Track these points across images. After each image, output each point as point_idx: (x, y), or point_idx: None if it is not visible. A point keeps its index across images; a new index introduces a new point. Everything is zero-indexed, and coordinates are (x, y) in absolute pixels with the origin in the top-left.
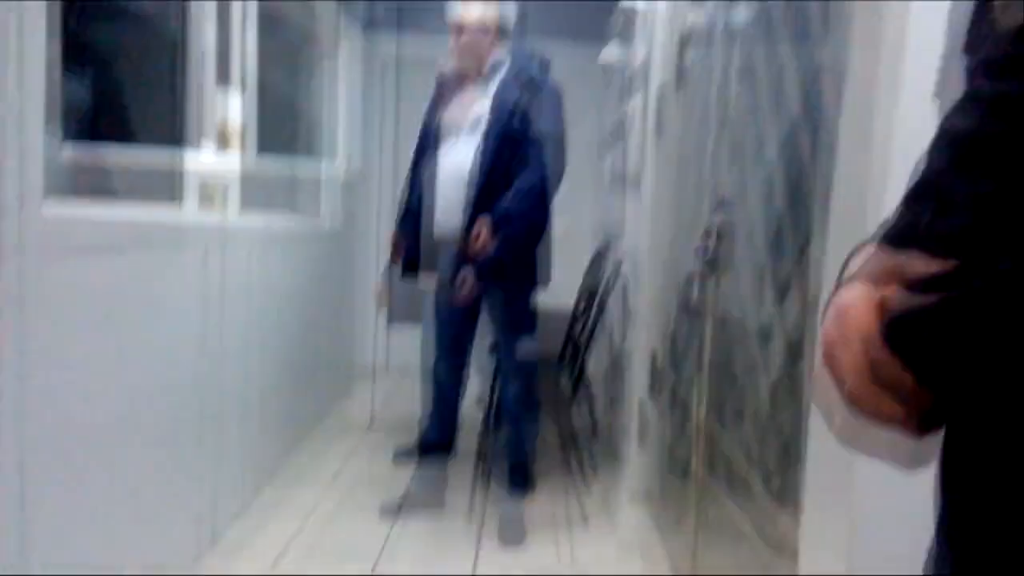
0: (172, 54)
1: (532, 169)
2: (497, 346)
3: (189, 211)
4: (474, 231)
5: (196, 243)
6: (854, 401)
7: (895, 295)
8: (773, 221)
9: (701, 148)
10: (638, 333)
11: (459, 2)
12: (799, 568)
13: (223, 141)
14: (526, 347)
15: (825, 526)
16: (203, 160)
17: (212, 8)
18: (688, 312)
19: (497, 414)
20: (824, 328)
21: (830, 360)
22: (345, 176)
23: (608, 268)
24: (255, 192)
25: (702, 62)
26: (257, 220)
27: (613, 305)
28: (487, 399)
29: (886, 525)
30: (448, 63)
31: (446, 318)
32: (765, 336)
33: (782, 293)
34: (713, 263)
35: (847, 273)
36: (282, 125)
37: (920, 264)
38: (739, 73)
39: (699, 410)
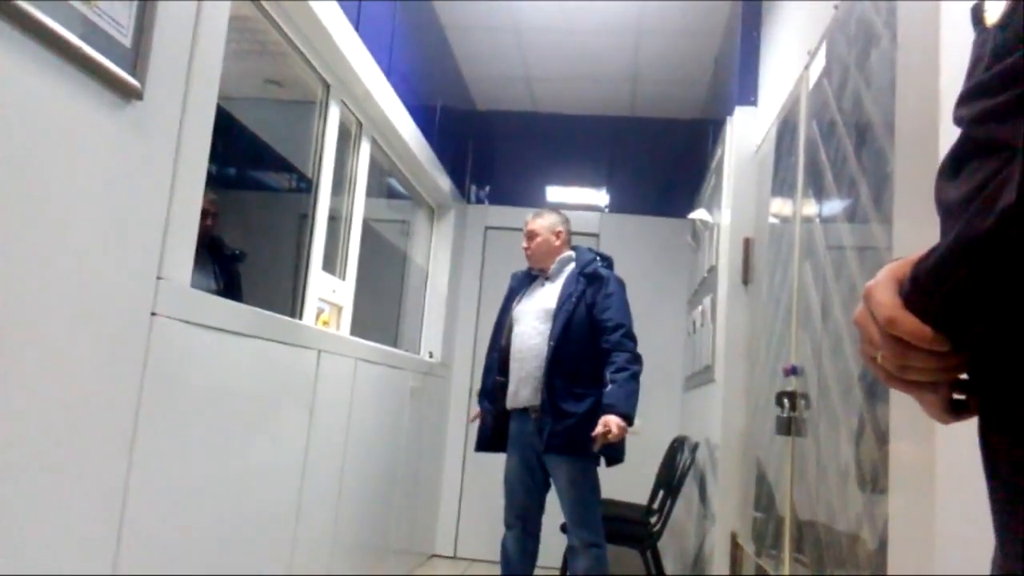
0: (298, 241)
1: (617, 353)
2: (567, 527)
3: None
4: (602, 425)
5: (311, 343)
6: (887, 374)
7: (906, 267)
8: (844, 381)
9: (770, 331)
10: (716, 515)
11: (531, 211)
12: None
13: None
14: (596, 528)
15: None
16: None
17: (324, 214)
18: (765, 485)
19: None
20: (855, 315)
21: (864, 341)
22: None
23: (685, 454)
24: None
25: (769, 253)
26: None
27: (689, 488)
28: None
29: None
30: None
31: (517, 487)
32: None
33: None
34: (789, 424)
35: None
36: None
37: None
38: (803, 252)
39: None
